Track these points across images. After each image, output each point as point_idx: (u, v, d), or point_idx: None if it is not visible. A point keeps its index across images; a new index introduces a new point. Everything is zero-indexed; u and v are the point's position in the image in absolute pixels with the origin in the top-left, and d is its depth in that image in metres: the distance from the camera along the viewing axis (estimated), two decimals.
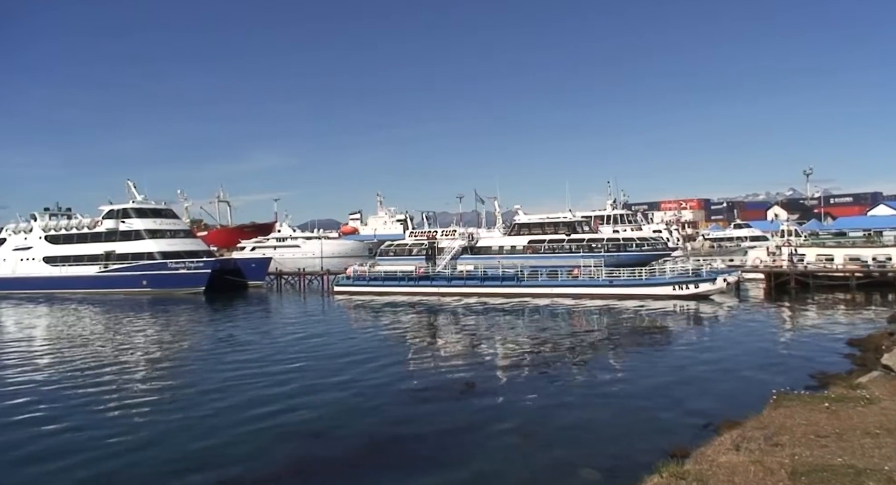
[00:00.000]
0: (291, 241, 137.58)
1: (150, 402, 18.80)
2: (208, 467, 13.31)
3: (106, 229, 61.87)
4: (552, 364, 22.77)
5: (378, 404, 17.88)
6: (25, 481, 12.86)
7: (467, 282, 48.08)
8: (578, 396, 18.30)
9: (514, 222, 54.57)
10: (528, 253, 50.53)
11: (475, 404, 17.51)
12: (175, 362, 25.33)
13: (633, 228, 70.60)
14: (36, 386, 21.04)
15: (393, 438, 14.91)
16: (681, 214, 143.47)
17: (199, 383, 21.05)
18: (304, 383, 20.55)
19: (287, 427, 15.78)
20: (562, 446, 14.11)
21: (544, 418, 16.04)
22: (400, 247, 57.13)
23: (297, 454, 13.90)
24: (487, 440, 14.55)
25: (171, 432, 15.56)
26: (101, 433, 15.45)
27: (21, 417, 17.19)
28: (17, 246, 66.92)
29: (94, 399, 19.05)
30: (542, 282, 45.55)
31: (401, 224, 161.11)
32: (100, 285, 59.73)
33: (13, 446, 14.75)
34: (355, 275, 53.51)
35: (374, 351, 26.46)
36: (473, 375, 20.92)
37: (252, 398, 18.60)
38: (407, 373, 22.14)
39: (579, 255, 48.01)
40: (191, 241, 65.46)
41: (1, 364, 25.47)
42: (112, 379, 21.98)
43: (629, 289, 42.80)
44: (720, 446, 11.25)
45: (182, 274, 57.85)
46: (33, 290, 61.96)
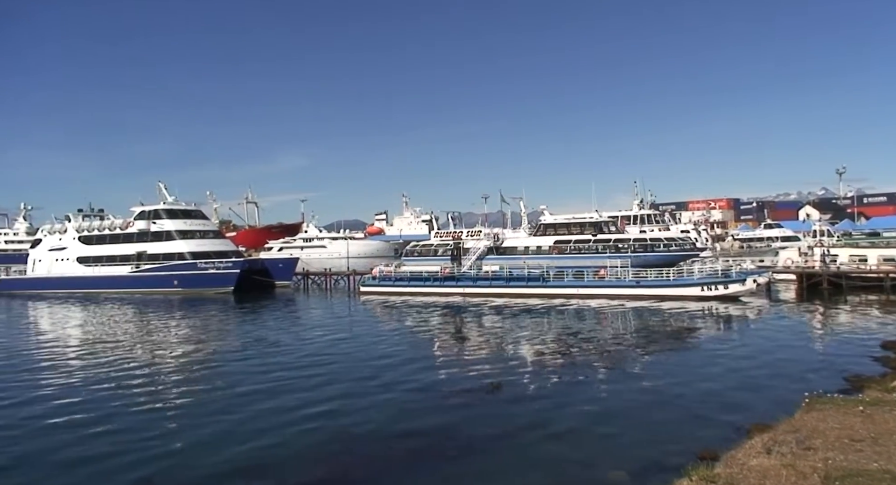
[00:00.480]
0: (318, 241, 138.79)
1: (187, 404, 19.06)
2: (245, 468, 13.49)
3: (138, 230, 63.04)
4: (579, 366, 22.66)
5: (405, 405, 17.95)
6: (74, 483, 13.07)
7: (493, 282, 48.04)
8: (605, 397, 18.20)
9: (539, 223, 54.40)
10: (554, 253, 50.32)
11: (501, 406, 17.51)
12: (209, 363, 25.71)
13: (661, 228, 69.89)
14: (75, 387, 21.44)
15: (420, 439, 14.94)
16: (709, 213, 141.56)
17: (235, 384, 21.21)
18: (332, 384, 20.68)
19: (317, 428, 15.90)
20: (589, 447, 14.06)
21: (571, 420, 15.98)
22: (425, 247, 57.31)
23: (326, 455, 14.02)
24: (514, 442, 14.55)
25: (208, 435, 15.67)
26: (141, 436, 15.58)
27: (63, 418, 17.42)
28: (52, 247, 68.54)
29: (134, 400, 19.37)
30: (567, 282, 45.32)
31: (426, 225, 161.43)
32: (132, 285, 60.90)
33: (59, 448, 14.91)
34: (381, 275, 53.80)
35: (401, 352, 26.59)
36: (499, 376, 20.91)
37: (284, 400, 18.74)
38: (433, 374, 22.20)
39: (605, 255, 47.68)
40: (220, 241, 66.42)
41: (40, 365, 26.11)
42: (150, 380, 22.37)
43: (656, 290, 42.36)
44: (751, 449, 11.13)
45: (211, 274, 58.73)
46: (67, 289, 63.41)
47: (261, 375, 22.24)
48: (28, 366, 25.31)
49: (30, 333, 36.86)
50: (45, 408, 18.39)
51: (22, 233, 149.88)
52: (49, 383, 21.73)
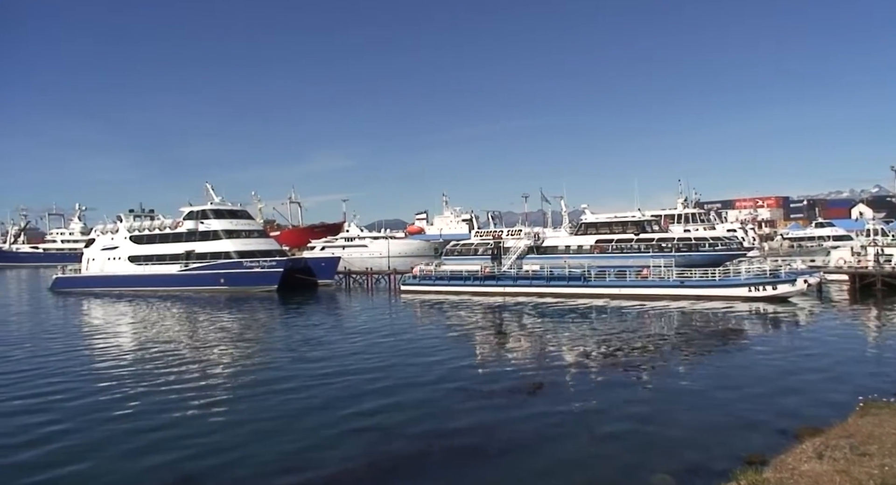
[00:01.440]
0: (359, 240, 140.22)
1: (234, 401, 19.56)
2: (289, 464, 13.83)
3: (186, 230, 64.73)
4: (621, 366, 22.41)
5: (446, 403, 18.08)
6: (125, 477, 13.48)
7: (533, 282, 47.80)
8: (650, 399, 17.98)
9: (580, 222, 53.80)
10: (596, 253, 49.69)
11: (543, 406, 17.46)
12: (254, 361, 26.33)
13: (706, 227, 68.28)
14: (127, 383, 22.26)
15: (461, 437, 15.03)
16: (757, 212, 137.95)
17: (278, 381, 21.73)
18: (374, 382, 20.95)
19: (358, 425, 16.12)
20: (633, 450, 13.92)
21: (614, 421, 15.85)
22: (465, 246, 57.29)
23: (367, 452, 14.21)
24: (556, 442, 14.52)
25: (253, 431, 16.06)
26: (191, 431, 16.06)
27: (117, 413, 18.03)
28: (105, 246, 70.91)
29: (184, 397, 20.05)
30: (609, 282, 44.79)
31: (466, 224, 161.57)
32: (180, 283, 62.59)
33: (114, 441, 15.44)
34: (422, 274, 54.10)
35: (441, 351, 26.73)
36: (541, 376, 20.85)
37: (326, 398, 19.09)
38: (474, 373, 22.27)
39: (648, 255, 46.86)
40: (264, 240, 67.71)
41: (96, 361, 27.15)
42: (199, 377, 22.98)
43: (702, 290, 41.50)
44: (801, 454, 10.86)
45: (256, 273, 59.95)
46: (119, 287, 65.53)
47: (304, 373, 22.67)
48: (88, 362, 26.32)
49: (87, 330, 38.27)
50: (105, 405, 19.10)
51: (77, 232, 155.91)
52: (107, 381, 22.56)
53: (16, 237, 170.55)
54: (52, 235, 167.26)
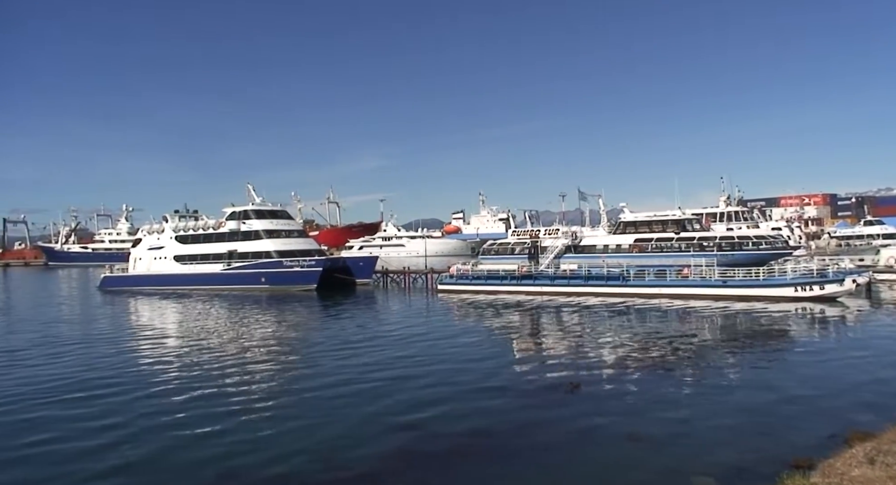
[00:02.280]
0: (396, 240, 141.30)
1: (276, 399, 19.93)
2: (327, 461, 14.03)
3: (229, 230, 66.16)
4: (662, 367, 22.09)
5: (483, 402, 18.06)
6: (172, 472, 13.89)
7: (571, 281, 47.45)
8: (691, 401, 17.68)
9: (619, 220, 53.13)
10: (635, 252, 49.02)
11: (581, 406, 17.36)
12: (296, 359, 26.72)
13: (749, 225, 66.78)
14: (173, 380, 22.85)
15: (498, 437, 15.03)
16: (803, 210, 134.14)
17: (317, 379, 22.08)
18: (411, 381, 21.09)
19: (395, 424, 16.25)
20: (673, 452, 13.73)
21: (654, 423, 15.64)
22: (502, 246, 57.17)
23: (404, 450, 14.31)
24: (594, 443, 14.41)
25: (295, 428, 16.30)
26: (235, 428, 16.36)
27: (164, 410, 18.54)
28: (151, 246, 72.98)
29: (228, 395, 20.54)
30: (649, 282, 44.17)
31: (503, 223, 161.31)
32: (223, 282, 64.01)
33: (160, 438, 15.81)
34: (458, 273, 54.20)
35: (478, 350, 26.77)
36: (579, 376, 20.70)
37: (364, 396, 19.30)
38: (511, 372, 22.24)
39: (689, 254, 46.02)
40: (304, 240, 68.75)
41: (144, 359, 27.98)
42: (243, 374, 23.43)
43: (745, 290, 40.60)
44: (851, 458, 10.56)
45: (296, 272, 60.91)
46: (165, 286, 67.34)
47: (343, 371, 22.96)
48: (136, 360, 27.15)
49: (134, 328, 39.47)
50: (151, 403, 19.68)
51: (124, 233, 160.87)
52: (154, 378, 23.23)
53: (67, 237, 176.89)
54: (101, 236, 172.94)
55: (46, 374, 23.49)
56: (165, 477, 13.20)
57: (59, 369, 24.60)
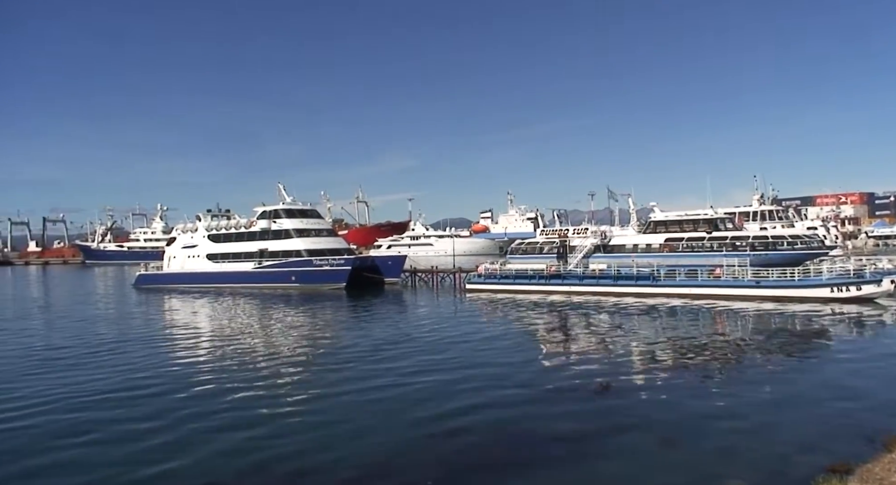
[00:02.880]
0: (425, 239, 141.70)
1: (308, 398, 20.21)
2: (358, 462, 14.14)
3: (260, 229, 67.14)
4: (693, 369, 21.84)
5: (512, 403, 18.06)
6: (207, 474, 14.13)
7: (600, 281, 47.12)
8: (723, 403, 17.45)
9: (649, 220, 52.56)
10: (665, 252, 48.45)
11: (610, 407, 17.26)
12: (326, 358, 27.03)
13: (784, 224, 65.48)
14: (208, 380, 23.23)
15: (526, 438, 15.03)
16: (840, 209, 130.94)
17: (345, 381, 22.35)
18: (440, 381, 21.17)
19: (424, 424, 16.30)
20: (706, 455, 13.58)
21: (686, 425, 15.50)
22: (531, 245, 57.01)
23: (434, 451, 14.38)
24: (624, 445, 14.31)
25: (327, 430, 16.46)
26: (267, 429, 16.52)
27: (199, 410, 18.73)
28: (185, 244, 74.43)
29: (263, 393, 20.78)
30: (680, 282, 43.64)
31: (531, 222, 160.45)
32: (254, 280, 65.00)
33: (196, 439, 15.96)
34: (487, 273, 54.19)
35: (507, 350, 26.76)
36: (608, 376, 20.57)
37: (394, 396, 19.46)
38: (540, 372, 22.20)
39: (721, 253, 45.33)
40: (333, 239, 69.40)
41: (179, 358, 28.55)
42: (275, 374, 23.72)
43: (779, 290, 39.85)
44: (890, 464, 10.37)
45: (326, 271, 61.53)
46: (198, 284, 68.60)
47: (373, 372, 23.13)
48: (171, 359, 27.76)
49: (172, 327, 40.33)
50: (186, 402, 20.04)
51: (159, 232, 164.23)
52: (189, 377, 23.71)
53: (103, 236, 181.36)
54: (136, 234, 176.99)
55: (86, 374, 23.88)
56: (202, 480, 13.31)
57: (98, 367, 25.21)
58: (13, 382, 22.38)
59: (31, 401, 19.36)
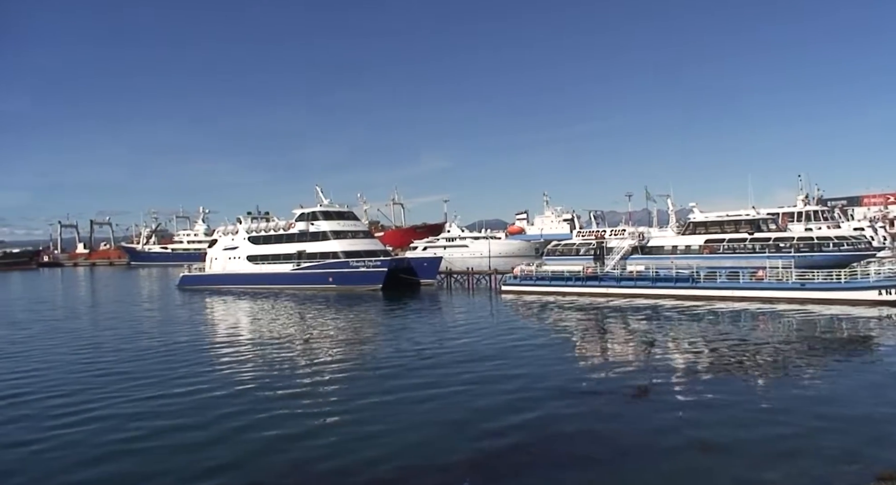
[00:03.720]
0: (460, 241, 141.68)
1: (344, 398, 20.62)
2: (393, 462, 14.35)
3: (298, 231, 68.13)
4: (735, 373, 21.46)
5: (549, 405, 18.04)
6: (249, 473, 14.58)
7: (638, 283, 46.52)
8: (766, 409, 17.13)
9: (688, 221, 51.66)
10: (705, 253, 47.54)
11: (648, 411, 17.11)
12: (363, 359, 27.46)
13: (830, 225, 63.60)
14: (251, 381, 23.83)
15: (564, 440, 15.02)
16: (888, 209, 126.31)
17: (384, 380, 22.66)
18: (477, 382, 21.28)
19: (461, 426, 16.43)
20: (747, 462, 13.36)
21: (726, 431, 15.25)
22: (567, 246, 56.58)
23: (470, 451, 14.48)
24: (662, 450, 14.17)
25: (363, 430, 16.81)
26: (304, 430, 16.96)
27: (241, 410, 19.20)
28: (226, 246, 75.97)
29: (297, 394, 21.29)
30: (720, 284, 42.80)
31: (567, 223, 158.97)
32: (293, 282, 65.97)
33: (238, 439, 16.39)
34: (522, 274, 53.99)
35: (543, 352, 26.70)
36: (646, 380, 20.38)
37: (429, 396, 19.67)
38: (577, 374, 22.09)
39: (764, 255, 44.29)
40: (370, 241, 70.01)
41: (222, 357, 29.25)
42: (313, 375, 24.25)
43: (824, 293, 38.75)
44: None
45: (362, 272, 62.12)
46: (239, 285, 69.95)
47: (409, 372, 23.38)
48: (214, 359, 28.49)
49: (217, 327, 41.33)
50: (228, 401, 20.57)
51: (201, 234, 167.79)
52: (238, 378, 24.33)
53: (148, 238, 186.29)
54: (179, 237, 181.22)
55: (137, 372, 24.87)
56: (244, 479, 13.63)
57: (148, 366, 26.10)
58: (70, 387, 23.27)
59: (91, 405, 20.10)
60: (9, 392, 21.42)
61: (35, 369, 25.62)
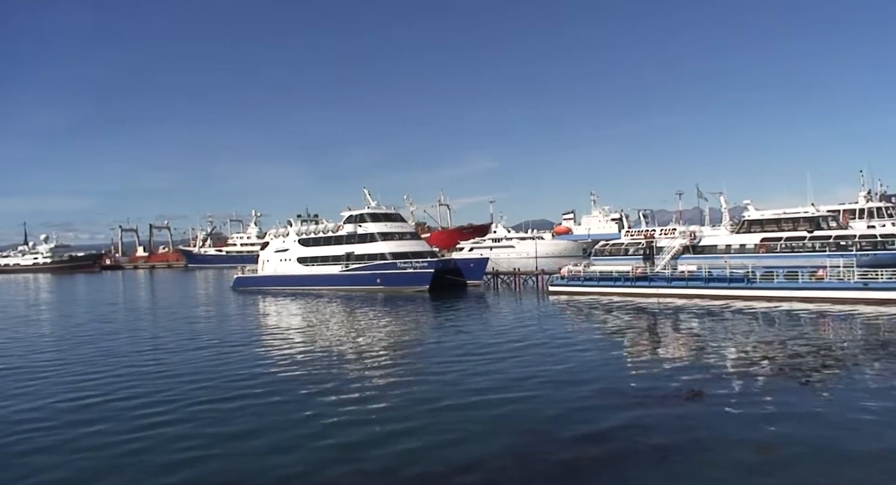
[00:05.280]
0: (506, 241, 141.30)
1: (394, 400, 20.78)
2: (444, 463, 14.40)
3: (346, 233, 69.15)
4: (793, 376, 20.72)
5: (599, 407, 17.83)
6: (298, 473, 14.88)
7: (689, 283, 45.42)
8: (826, 414, 16.49)
9: (743, 219, 50.21)
10: (761, 252, 46.11)
11: (703, 414, 16.70)
12: (412, 360, 27.62)
13: (894, 222, 60.67)
14: (304, 381, 24.21)
15: (615, 443, 14.80)
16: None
17: (432, 381, 22.75)
18: (526, 383, 21.15)
19: (510, 428, 16.34)
20: (805, 468, 12.92)
21: (784, 436, 14.76)
22: (615, 246, 55.76)
23: (520, 453, 14.41)
24: (718, 455, 13.83)
25: (411, 433, 16.84)
26: (352, 429, 17.21)
27: (295, 407, 19.71)
28: (278, 248, 77.73)
29: (352, 393, 21.55)
30: (777, 284, 41.39)
31: (615, 223, 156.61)
32: (342, 283, 66.98)
33: (291, 438, 16.86)
34: (570, 275, 53.44)
35: (593, 353, 26.35)
36: (700, 382, 19.88)
37: (478, 399, 19.64)
38: (628, 377, 21.73)
39: (824, 254, 42.66)
40: (416, 242, 70.47)
41: (275, 357, 29.88)
42: (364, 376, 24.50)
43: (890, 293, 37.04)
44: None
45: (409, 273, 62.55)
46: (290, 286, 71.41)
47: (459, 371, 23.42)
48: (266, 358, 29.15)
49: (271, 327, 42.35)
50: (283, 402, 20.98)
51: (253, 236, 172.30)
52: (286, 375, 24.86)
53: (203, 241, 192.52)
54: (233, 239, 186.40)
55: (196, 376, 25.58)
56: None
57: (205, 367, 26.91)
58: (137, 390, 24.23)
59: (159, 409, 20.81)
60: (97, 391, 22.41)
61: (106, 372, 26.77)
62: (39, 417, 18.82)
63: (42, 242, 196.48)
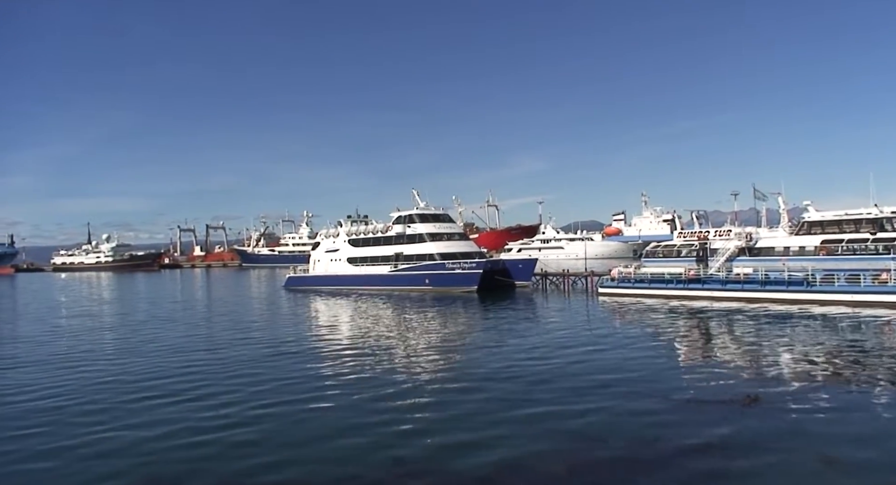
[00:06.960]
0: (555, 242, 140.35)
1: (436, 401, 21.06)
2: (488, 467, 14.54)
3: (395, 233, 69.98)
4: (854, 383, 20.10)
5: (654, 413, 17.65)
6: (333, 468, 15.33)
7: (745, 286, 44.28)
8: (887, 421, 15.97)
9: (802, 220, 48.57)
10: (821, 255, 44.53)
11: (761, 420, 16.38)
12: (460, 361, 27.86)
13: None
14: (351, 379, 24.76)
15: (670, 451, 14.65)
16: None
17: (479, 383, 22.92)
18: (576, 387, 21.08)
19: (561, 431, 16.32)
20: (869, 477, 12.59)
21: (847, 444, 14.41)
22: (667, 248, 54.74)
23: (567, 457, 14.40)
24: (778, 461, 13.57)
25: (455, 435, 17.12)
26: (392, 429, 17.56)
27: (341, 405, 20.22)
28: (328, 248, 79.20)
29: (388, 393, 21.93)
30: (839, 287, 39.96)
31: (667, 224, 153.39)
32: (390, 283, 67.83)
33: (330, 434, 17.38)
34: (620, 277, 52.80)
35: (645, 357, 26.06)
36: (757, 388, 19.47)
37: (528, 399, 19.73)
38: (682, 382, 21.39)
39: (888, 256, 40.94)
40: (465, 243, 70.72)
41: (325, 355, 30.56)
42: (412, 376, 24.90)
43: None
44: None
45: (458, 274, 62.87)
46: (340, 286, 72.76)
47: (506, 374, 23.53)
48: (328, 360, 29.77)
49: (323, 326, 43.30)
50: (332, 397, 21.56)
51: (305, 237, 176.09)
52: (335, 371, 25.48)
53: (257, 241, 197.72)
54: (285, 239, 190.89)
55: (254, 375, 26.44)
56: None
57: (277, 368, 27.76)
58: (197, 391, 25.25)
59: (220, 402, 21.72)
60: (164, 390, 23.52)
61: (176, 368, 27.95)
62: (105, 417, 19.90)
63: (104, 242, 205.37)
